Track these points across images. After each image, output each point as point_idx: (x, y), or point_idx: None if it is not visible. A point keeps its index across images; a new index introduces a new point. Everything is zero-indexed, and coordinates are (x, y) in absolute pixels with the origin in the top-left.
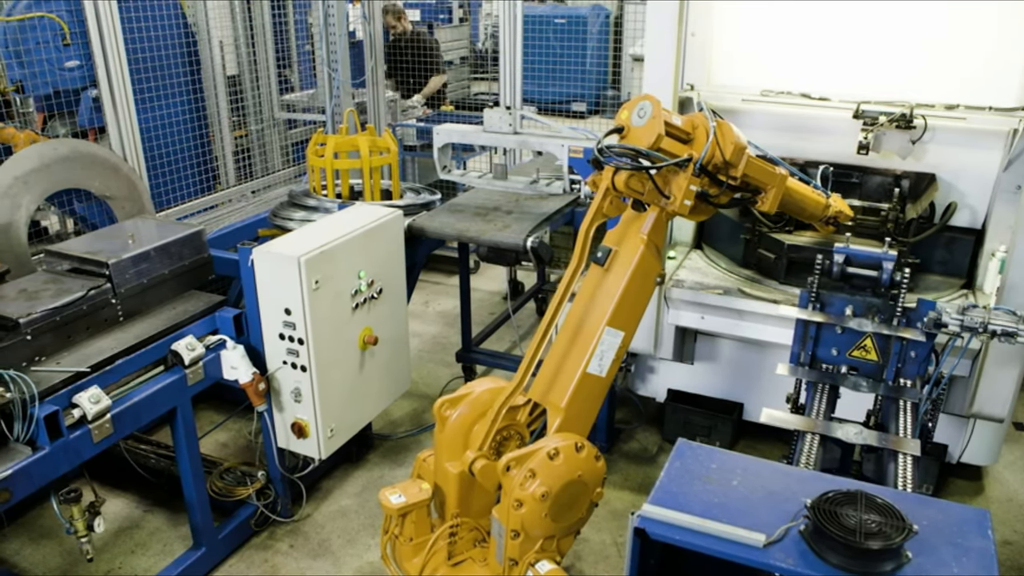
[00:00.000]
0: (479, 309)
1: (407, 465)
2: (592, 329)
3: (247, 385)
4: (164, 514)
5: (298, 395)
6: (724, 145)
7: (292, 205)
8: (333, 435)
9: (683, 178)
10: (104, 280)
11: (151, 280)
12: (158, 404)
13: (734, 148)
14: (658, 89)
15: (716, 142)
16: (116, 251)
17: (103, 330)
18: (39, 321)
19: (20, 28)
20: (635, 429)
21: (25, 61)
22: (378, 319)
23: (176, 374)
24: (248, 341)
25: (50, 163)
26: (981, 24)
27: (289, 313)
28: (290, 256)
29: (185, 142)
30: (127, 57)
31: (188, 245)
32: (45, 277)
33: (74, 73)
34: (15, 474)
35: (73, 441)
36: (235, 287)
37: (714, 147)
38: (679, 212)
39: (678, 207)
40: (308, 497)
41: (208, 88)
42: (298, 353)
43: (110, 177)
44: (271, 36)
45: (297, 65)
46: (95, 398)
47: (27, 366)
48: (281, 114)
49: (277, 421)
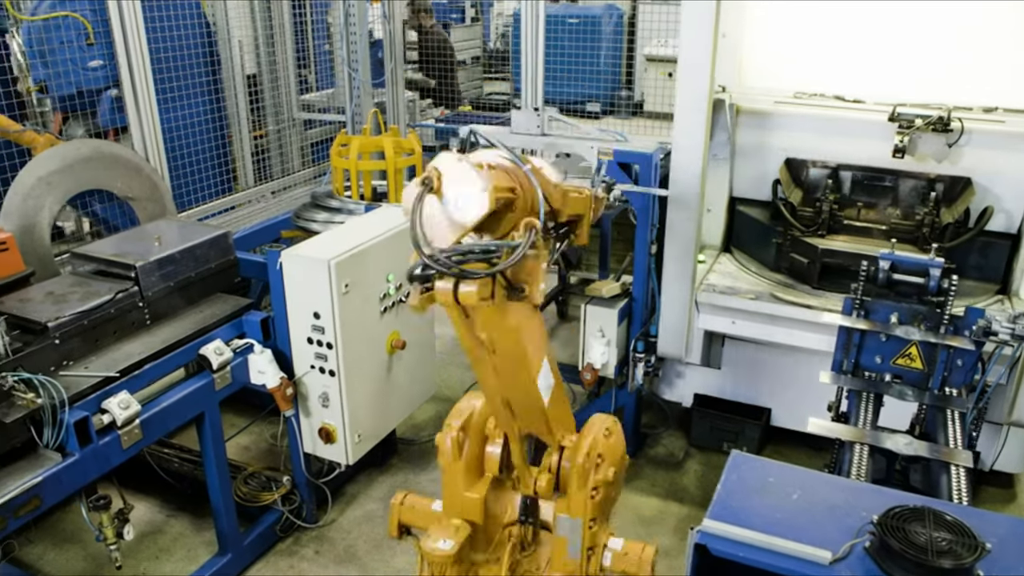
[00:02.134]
0: None
1: (431, 470)
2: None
3: (274, 390)
4: (187, 519)
5: (326, 400)
6: (550, 192)
7: (315, 206)
8: (360, 440)
9: (533, 257)
10: (131, 283)
11: (178, 283)
12: (186, 409)
13: (558, 191)
14: (693, 92)
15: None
16: (143, 254)
17: (130, 334)
18: (67, 325)
19: (44, 28)
20: (661, 434)
21: (49, 61)
22: (405, 323)
23: (204, 379)
24: (275, 345)
25: (73, 164)
26: (1020, 25)
27: (318, 317)
28: (320, 259)
29: (204, 143)
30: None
31: (214, 247)
32: (71, 280)
33: (97, 73)
34: (46, 481)
35: (103, 447)
36: (255, 289)
37: (536, 199)
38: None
39: (539, 298)
40: (333, 502)
41: (228, 88)
42: (327, 357)
43: (132, 178)
44: (291, 35)
45: (314, 64)
46: (124, 403)
47: (55, 370)
48: (300, 114)
49: (303, 426)
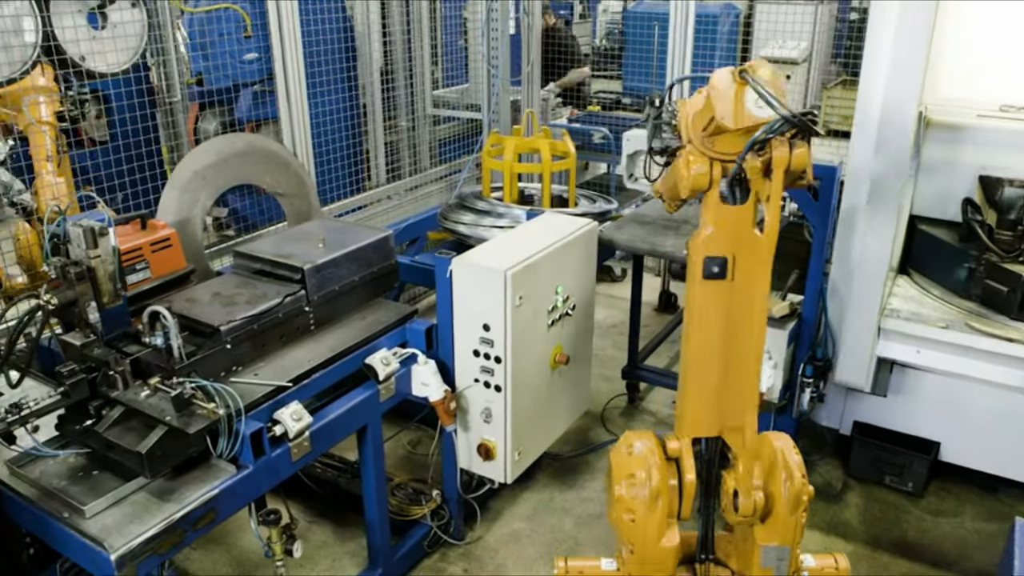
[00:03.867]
0: (627, 320)
1: (577, 487)
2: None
3: (437, 403)
4: (330, 526)
5: (488, 415)
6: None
7: (461, 207)
8: (520, 458)
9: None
10: (298, 287)
11: (342, 287)
12: (351, 421)
13: None
14: (899, 105)
15: None
16: (309, 256)
17: (295, 340)
18: (238, 329)
19: (206, 20)
20: (816, 462)
21: (208, 53)
22: (568, 337)
23: (369, 389)
24: (437, 356)
25: (227, 158)
26: None
27: (488, 329)
28: (496, 269)
29: (340, 139)
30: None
31: (377, 251)
32: (236, 280)
33: (252, 66)
34: (221, 494)
35: (274, 459)
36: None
37: None
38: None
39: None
40: (477, 518)
41: (364, 83)
42: (493, 372)
43: (281, 173)
44: (427, 30)
45: (442, 60)
46: (297, 415)
47: (225, 376)
48: (433, 111)
49: (460, 441)
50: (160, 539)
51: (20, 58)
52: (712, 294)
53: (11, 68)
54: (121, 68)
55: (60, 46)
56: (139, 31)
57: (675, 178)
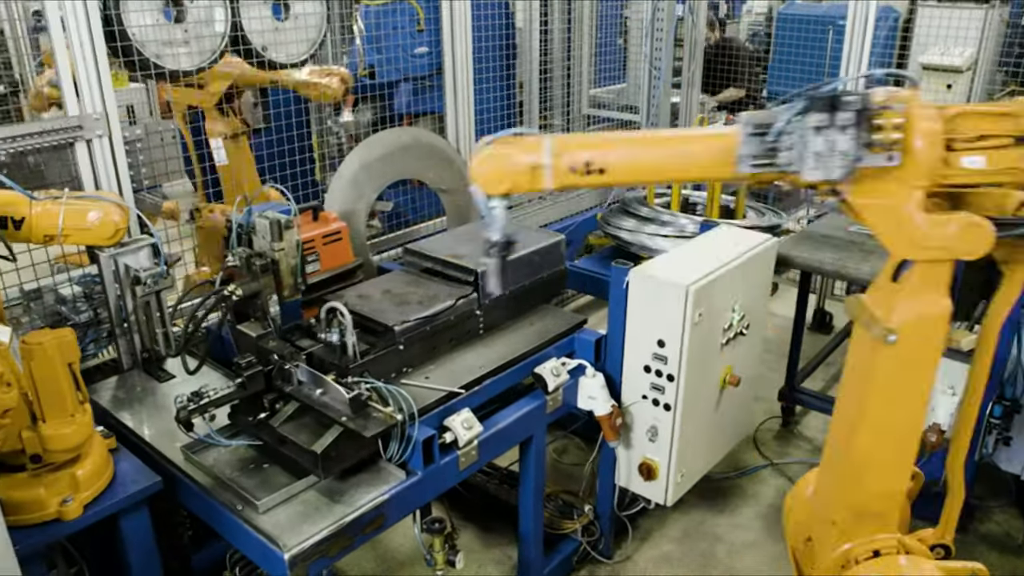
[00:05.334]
0: (777, 338)
1: (729, 512)
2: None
3: (603, 418)
4: (474, 531)
5: (654, 434)
6: None
7: (624, 212)
8: (682, 480)
9: None
10: (470, 289)
11: (512, 292)
12: (518, 431)
13: None
14: None
15: None
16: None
17: (465, 343)
18: (411, 330)
19: (382, 12)
20: (992, 508)
21: (381, 46)
22: (739, 357)
23: (537, 400)
24: (604, 368)
25: (393, 151)
26: None
27: (662, 345)
28: (677, 284)
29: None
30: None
31: (548, 255)
32: (406, 278)
33: (422, 60)
34: (391, 499)
35: (442, 467)
36: None
37: None
38: None
39: None
40: (626, 537)
41: (523, 80)
42: (663, 390)
43: (444, 169)
44: (588, 28)
45: (596, 58)
46: (468, 423)
47: (395, 378)
48: (589, 110)
49: (621, 458)
50: (331, 541)
51: (209, 47)
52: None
53: (201, 57)
54: (300, 59)
55: (246, 36)
56: (318, 23)
57: (889, 221)
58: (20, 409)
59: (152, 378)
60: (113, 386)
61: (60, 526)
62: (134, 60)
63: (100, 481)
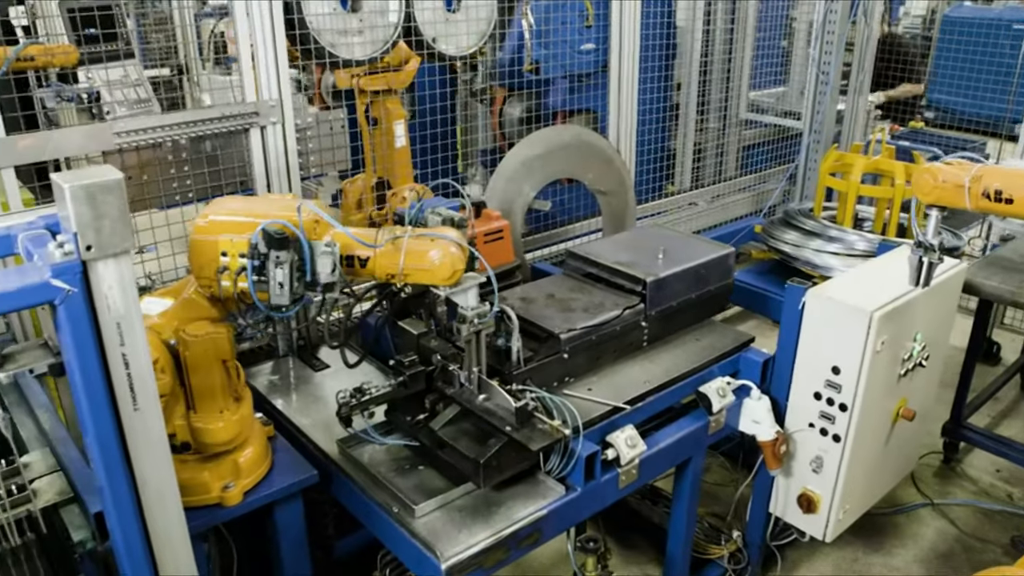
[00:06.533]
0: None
1: (884, 551)
2: None
3: (767, 444)
4: (613, 546)
5: (818, 465)
6: None
7: (786, 224)
8: (844, 516)
9: None
10: (638, 300)
11: (679, 304)
12: (678, 452)
13: None
14: None
15: None
16: (650, 267)
17: (628, 356)
18: (577, 339)
19: (551, 7)
20: None
21: (549, 42)
22: (915, 390)
23: (699, 420)
24: (768, 390)
25: (554, 150)
26: None
27: (837, 372)
28: (860, 309)
29: (651, 138)
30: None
31: (717, 268)
32: (568, 283)
33: (588, 57)
34: (549, 515)
35: (602, 485)
36: None
37: None
38: None
39: None
40: (773, 567)
41: (681, 81)
42: (834, 419)
43: (603, 170)
44: (752, 29)
45: (754, 60)
46: (632, 440)
47: (557, 387)
48: (747, 114)
49: (779, 486)
50: (487, 554)
51: (382, 37)
52: None
53: (373, 47)
54: (468, 52)
55: (418, 27)
56: (488, 15)
57: None
58: (175, 395)
59: (307, 366)
60: (268, 371)
61: (220, 511)
62: (310, 48)
63: (260, 469)
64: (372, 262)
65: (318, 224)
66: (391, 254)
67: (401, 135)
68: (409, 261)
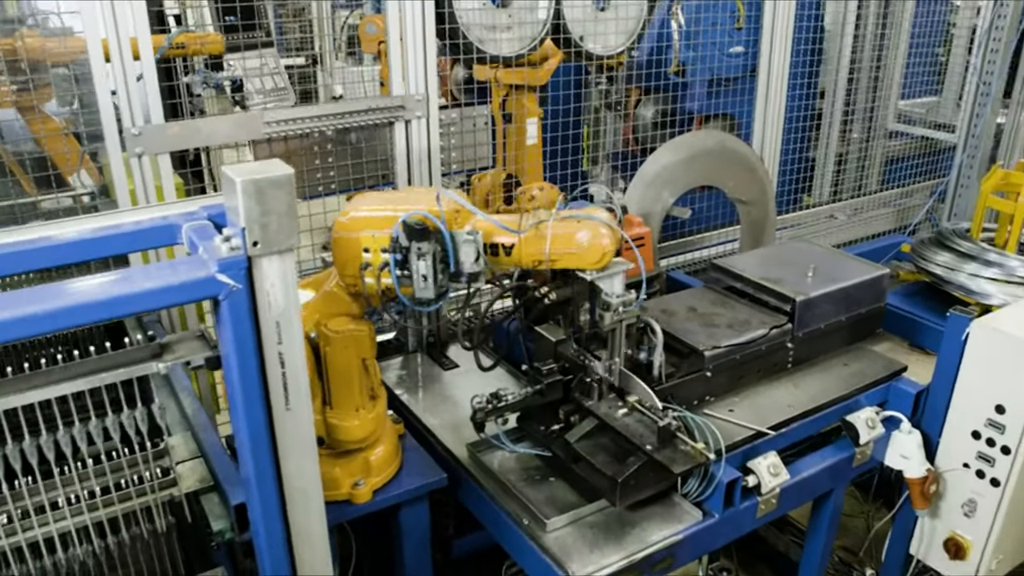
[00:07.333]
0: None
1: None
2: None
3: (915, 481)
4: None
5: (971, 509)
6: None
7: (938, 244)
8: (996, 567)
9: None
10: (785, 319)
11: (828, 326)
12: (819, 483)
13: None
14: None
15: None
16: (800, 285)
17: (771, 377)
18: (721, 357)
19: (703, 7)
20: None
21: (697, 43)
22: None
23: (844, 451)
24: (920, 424)
25: (696, 155)
26: None
27: (1002, 412)
28: None
29: (792, 147)
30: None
31: (869, 289)
32: (711, 296)
33: (736, 60)
34: (685, 540)
35: (740, 512)
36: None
37: None
38: None
39: None
40: None
41: (826, 88)
42: (994, 462)
43: (746, 178)
44: (906, 35)
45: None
46: (775, 468)
47: (698, 406)
48: (895, 125)
49: (923, 527)
50: None
51: (530, 34)
52: None
53: (521, 43)
54: (617, 51)
55: (566, 24)
56: (637, 14)
57: None
58: (312, 389)
59: (436, 364)
60: (398, 366)
61: (348, 508)
62: (458, 43)
63: (390, 468)
64: (517, 249)
65: (459, 213)
66: (536, 240)
67: (533, 133)
68: (555, 246)
